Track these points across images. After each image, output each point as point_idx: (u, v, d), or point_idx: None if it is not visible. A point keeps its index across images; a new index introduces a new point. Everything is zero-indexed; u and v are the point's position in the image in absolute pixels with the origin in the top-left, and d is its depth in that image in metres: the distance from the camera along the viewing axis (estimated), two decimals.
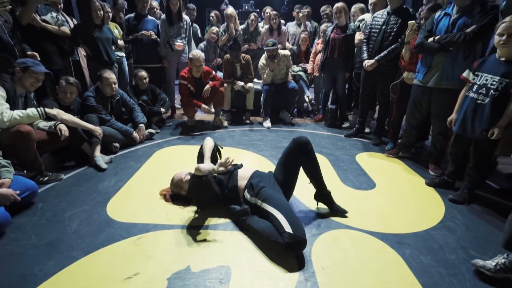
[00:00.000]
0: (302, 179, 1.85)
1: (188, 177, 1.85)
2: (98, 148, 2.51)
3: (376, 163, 2.71)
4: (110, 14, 3.57)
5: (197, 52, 3.31)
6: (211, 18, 4.62)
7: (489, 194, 2.19)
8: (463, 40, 2.03)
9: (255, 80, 4.07)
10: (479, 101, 1.89)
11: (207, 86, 3.40)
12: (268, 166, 2.54)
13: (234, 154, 1.74)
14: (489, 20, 1.99)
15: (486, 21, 1.99)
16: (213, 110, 3.73)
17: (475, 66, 1.96)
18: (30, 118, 2.06)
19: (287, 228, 1.44)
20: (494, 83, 1.82)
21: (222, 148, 2.13)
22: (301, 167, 1.81)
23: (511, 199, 2.11)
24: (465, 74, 2.02)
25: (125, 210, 1.88)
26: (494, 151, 1.95)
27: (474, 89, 1.93)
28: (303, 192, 1.98)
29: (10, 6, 2.28)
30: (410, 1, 3.99)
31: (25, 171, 2.18)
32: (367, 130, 3.54)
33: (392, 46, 2.75)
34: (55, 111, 2.21)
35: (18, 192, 1.69)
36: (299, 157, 1.78)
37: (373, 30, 2.90)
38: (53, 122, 2.20)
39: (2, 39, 2.29)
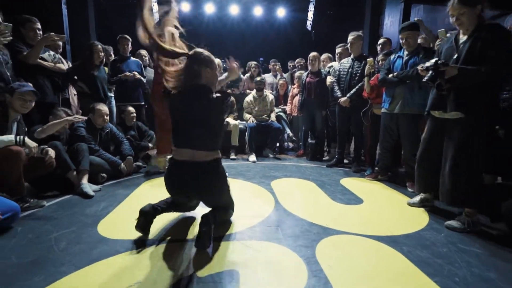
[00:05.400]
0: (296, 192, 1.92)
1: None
2: (86, 176, 2.43)
3: (359, 185, 2.89)
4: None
5: None
6: None
7: None
8: (416, 74, 2.45)
9: (238, 121, 4.35)
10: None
11: None
12: (260, 191, 2.61)
13: None
14: None
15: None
16: None
17: None
18: (4, 144, 1.89)
19: None
20: None
21: None
22: None
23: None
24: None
25: (119, 228, 1.78)
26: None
27: None
28: (296, 205, 2.04)
29: (11, 38, 2.38)
30: (367, 51, 4.89)
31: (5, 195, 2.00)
32: (345, 161, 3.81)
33: (359, 84, 3.25)
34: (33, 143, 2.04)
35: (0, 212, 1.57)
36: None
37: (342, 73, 3.44)
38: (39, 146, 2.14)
39: (0, 72, 2.36)
